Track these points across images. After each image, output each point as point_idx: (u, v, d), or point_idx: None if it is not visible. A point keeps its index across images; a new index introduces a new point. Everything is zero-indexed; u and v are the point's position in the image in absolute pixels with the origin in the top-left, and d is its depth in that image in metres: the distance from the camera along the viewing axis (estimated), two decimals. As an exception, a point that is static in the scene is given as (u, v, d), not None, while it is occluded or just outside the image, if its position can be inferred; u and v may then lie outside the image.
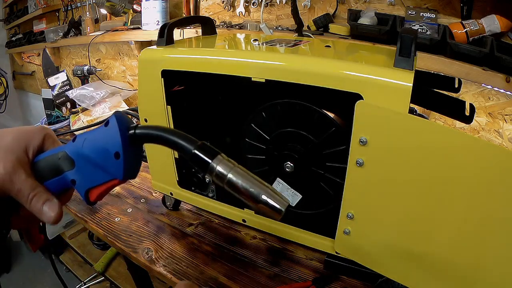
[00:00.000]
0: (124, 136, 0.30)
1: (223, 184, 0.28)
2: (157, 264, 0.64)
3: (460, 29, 0.83)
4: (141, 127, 0.31)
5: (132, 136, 0.31)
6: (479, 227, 0.40)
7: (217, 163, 0.28)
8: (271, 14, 1.18)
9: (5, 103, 2.62)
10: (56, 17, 2.04)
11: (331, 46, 0.65)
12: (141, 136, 0.31)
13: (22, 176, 0.32)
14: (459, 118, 0.62)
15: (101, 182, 0.33)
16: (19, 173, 0.32)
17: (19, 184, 0.32)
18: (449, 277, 0.45)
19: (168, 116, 0.64)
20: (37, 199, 0.32)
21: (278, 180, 0.58)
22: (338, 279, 0.60)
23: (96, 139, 0.32)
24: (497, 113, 0.87)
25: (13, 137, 0.33)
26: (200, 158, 0.28)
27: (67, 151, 0.33)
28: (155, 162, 0.73)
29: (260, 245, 0.69)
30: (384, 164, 0.44)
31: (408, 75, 0.42)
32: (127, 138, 0.31)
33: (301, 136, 0.52)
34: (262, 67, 0.52)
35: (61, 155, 0.33)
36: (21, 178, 0.32)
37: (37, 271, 1.80)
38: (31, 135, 0.35)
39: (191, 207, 0.80)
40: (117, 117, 0.31)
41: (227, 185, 0.28)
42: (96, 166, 0.32)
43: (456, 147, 0.39)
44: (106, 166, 0.32)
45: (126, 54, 1.70)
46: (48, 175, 0.34)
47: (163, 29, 0.63)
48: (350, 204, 0.50)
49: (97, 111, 1.37)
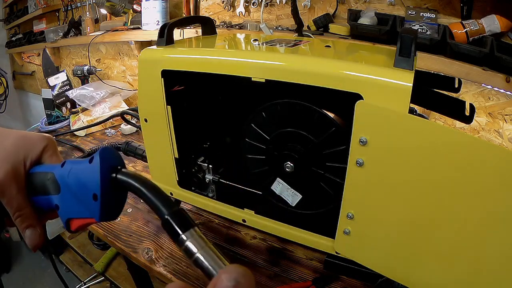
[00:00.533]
0: (104, 178, 0.29)
1: (189, 259, 0.26)
2: (157, 264, 0.64)
3: (460, 29, 0.83)
4: (124, 173, 0.29)
5: (114, 180, 0.29)
6: (479, 227, 0.40)
7: (188, 237, 0.25)
8: (271, 14, 1.18)
9: (5, 103, 2.62)
10: (56, 17, 2.04)
11: (331, 46, 0.65)
12: (121, 182, 0.29)
13: (13, 190, 0.32)
14: (459, 118, 0.62)
15: (80, 216, 0.32)
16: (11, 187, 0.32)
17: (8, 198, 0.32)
18: (449, 277, 0.45)
19: (168, 116, 0.64)
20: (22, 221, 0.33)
21: (278, 180, 0.58)
22: (338, 279, 0.60)
23: (79, 173, 0.31)
24: (497, 113, 0.87)
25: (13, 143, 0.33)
26: (172, 226, 0.26)
27: (55, 174, 0.33)
28: (155, 162, 0.73)
29: (260, 245, 0.69)
30: (384, 164, 0.44)
31: (408, 75, 0.42)
32: (107, 181, 0.29)
33: (301, 136, 0.52)
34: (262, 67, 0.52)
35: (50, 176, 0.33)
36: (12, 192, 0.32)
37: (37, 271, 1.80)
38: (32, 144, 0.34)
39: (191, 207, 0.80)
40: (102, 156, 0.29)
41: (193, 262, 0.25)
42: (77, 199, 0.31)
43: (456, 147, 0.39)
44: (85, 203, 0.30)
45: (126, 54, 1.70)
46: (38, 191, 0.34)
47: (163, 29, 0.63)
48: (350, 204, 0.50)
49: (97, 111, 1.37)
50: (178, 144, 0.67)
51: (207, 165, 0.68)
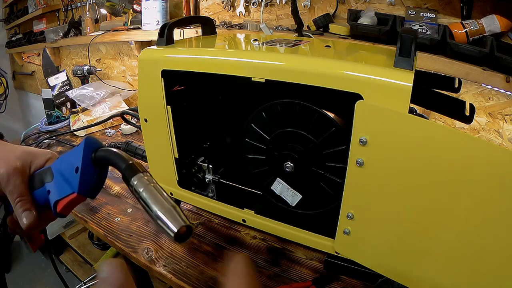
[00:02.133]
0: (86, 154, 0.34)
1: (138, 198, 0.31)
2: (157, 264, 0.65)
3: (460, 29, 0.83)
4: (101, 150, 0.35)
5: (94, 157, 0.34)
6: (479, 227, 0.40)
7: (136, 180, 0.32)
8: (271, 14, 1.18)
9: (5, 103, 2.62)
10: (56, 17, 2.04)
11: (331, 46, 0.65)
12: (98, 157, 0.34)
13: (18, 180, 0.38)
14: (459, 118, 0.62)
15: (65, 194, 0.36)
16: (16, 177, 0.38)
17: (12, 186, 0.38)
18: (449, 277, 0.45)
19: (168, 116, 0.64)
20: (21, 205, 0.38)
21: (278, 180, 0.58)
22: (338, 279, 0.60)
23: (68, 156, 0.37)
24: (497, 113, 0.87)
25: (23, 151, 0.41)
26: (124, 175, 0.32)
27: (51, 166, 0.39)
28: (155, 162, 0.73)
29: (260, 245, 0.69)
30: (384, 164, 0.44)
31: (408, 75, 0.42)
32: (88, 157, 0.34)
33: (301, 136, 0.52)
34: (262, 67, 0.52)
35: (47, 170, 0.39)
36: (16, 182, 0.38)
37: (37, 271, 1.80)
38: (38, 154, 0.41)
39: (191, 207, 0.80)
40: (86, 139, 0.35)
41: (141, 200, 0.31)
42: (64, 180, 0.36)
43: (456, 147, 0.39)
44: (69, 179, 0.35)
45: (126, 54, 1.70)
46: (37, 185, 0.39)
47: (163, 29, 0.63)
48: (350, 204, 0.50)
49: (97, 111, 1.37)
50: (178, 144, 0.67)
51: (207, 165, 0.68)
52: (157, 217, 0.29)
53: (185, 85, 0.64)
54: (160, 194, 0.31)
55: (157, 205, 0.30)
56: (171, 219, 0.29)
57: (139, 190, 0.31)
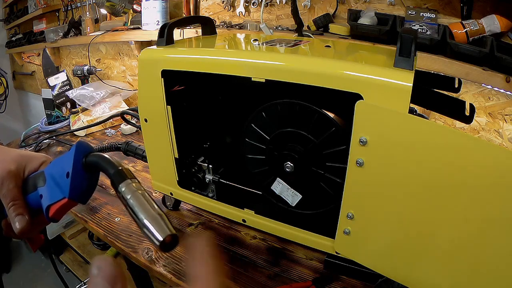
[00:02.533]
0: (76, 159, 0.34)
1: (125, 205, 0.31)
2: (157, 264, 0.64)
3: (460, 29, 0.83)
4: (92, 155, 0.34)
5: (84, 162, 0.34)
6: (479, 227, 0.40)
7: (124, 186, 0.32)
8: (271, 14, 1.18)
9: (5, 103, 2.62)
10: (56, 17, 2.04)
11: (331, 46, 0.65)
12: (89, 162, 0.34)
13: (11, 184, 0.37)
14: (459, 118, 0.62)
15: (56, 199, 0.35)
16: (10, 181, 0.37)
17: (6, 190, 0.37)
18: (449, 277, 0.45)
19: (168, 116, 0.64)
20: (14, 209, 0.37)
21: (278, 180, 0.58)
22: (338, 279, 0.60)
23: (60, 160, 0.36)
24: (497, 113, 0.87)
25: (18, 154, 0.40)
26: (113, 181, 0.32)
27: (44, 171, 0.38)
28: (155, 162, 0.73)
29: (260, 245, 0.69)
30: (384, 164, 0.44)
31: (408, 75, 0.42)
32: (79, 162, 0.34)
33: (301, 136, 0.52)
34: (262, 67, 0.52)
35: (40, 174, 0.39)
36: (10, 185, 0.37)
37: (37, 271, 1.80)
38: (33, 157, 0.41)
39: (191, 207, 0.80)
40: (77, 144, 0.35)
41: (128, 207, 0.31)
42: (56, 184, 0.36)
43: (456, 147, 0.39)
44: (60, 184, 0.35)
45: (126, 54, 1.70)
46: (30, 189, 0.39)
47: (163, 29, 0.63)
48: (350, 204, 0.50)
49: (97, 111, 1.37)
50: (178, 144, 0.67)
51: (207, 165, 0.68)
52: (143, 225, 0.29)
53: (185, 85, 0.64)
54: (147, 201, 0.31)
55: (144, 213, 0.30)
56: (157, 227, 0.29)
57: (126, 196, 0.31)
